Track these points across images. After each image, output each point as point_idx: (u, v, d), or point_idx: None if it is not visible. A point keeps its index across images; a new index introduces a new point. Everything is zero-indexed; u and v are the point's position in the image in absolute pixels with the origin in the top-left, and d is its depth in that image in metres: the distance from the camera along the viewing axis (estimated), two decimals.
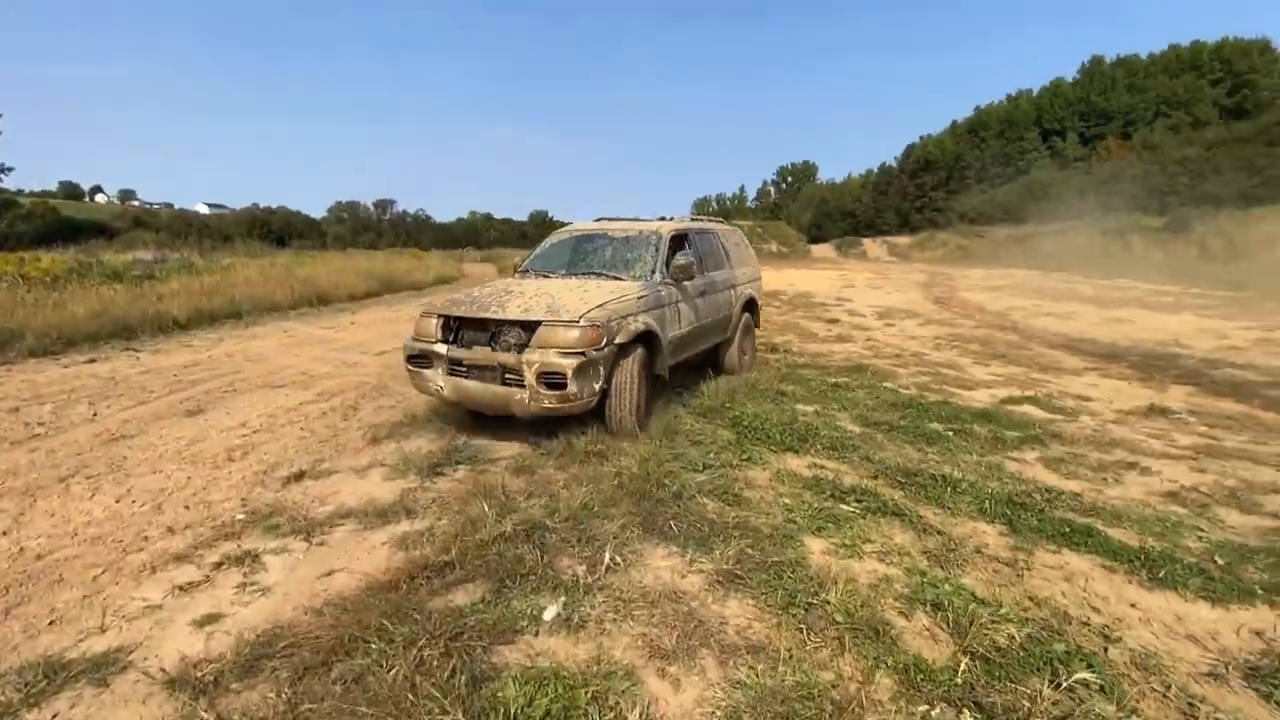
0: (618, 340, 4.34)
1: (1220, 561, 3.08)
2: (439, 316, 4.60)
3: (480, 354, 4.35)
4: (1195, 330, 10.08)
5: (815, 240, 54.32)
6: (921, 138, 64.04)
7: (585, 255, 5.69)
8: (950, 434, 4.79)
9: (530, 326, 4.28)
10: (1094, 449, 4.64)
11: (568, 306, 4.36)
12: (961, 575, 2.86)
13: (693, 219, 6.55)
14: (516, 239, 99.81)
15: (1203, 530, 3.43)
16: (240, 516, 3.48)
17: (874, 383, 6.41)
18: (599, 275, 5.25)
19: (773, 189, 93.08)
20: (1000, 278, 21.85)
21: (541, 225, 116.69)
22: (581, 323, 4.18)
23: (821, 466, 4.08)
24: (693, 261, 5.35)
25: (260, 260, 20.10)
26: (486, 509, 3.28)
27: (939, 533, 3.24)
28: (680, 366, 5.71)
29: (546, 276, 5.41)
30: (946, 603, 2.59)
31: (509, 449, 4.41)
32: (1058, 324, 11.20)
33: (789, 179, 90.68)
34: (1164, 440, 4.90)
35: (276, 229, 69.37)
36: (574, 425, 4.48)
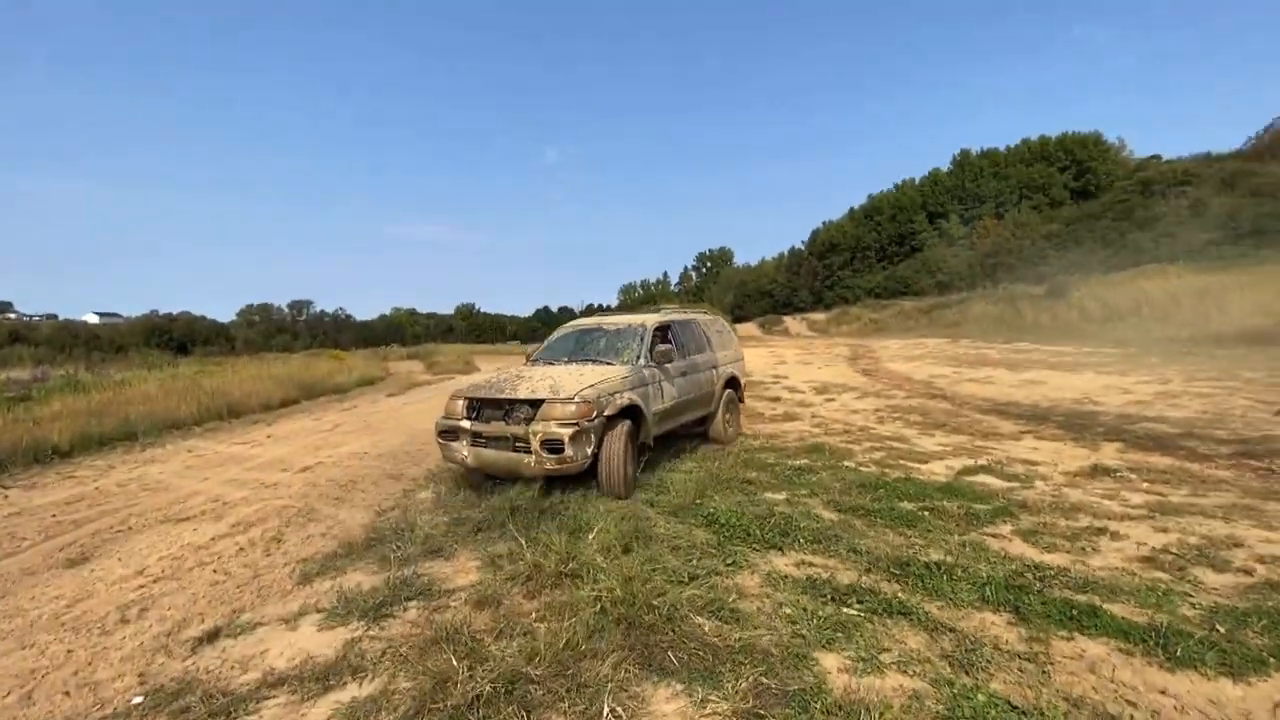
0: (606, 413, 5.30)
1: (1222, 629, 3.03)
2: (465, 399, 5.70)
3: (496, 427, 5.34)
4: (1101, 387, 10.84)
5: (738, 319, 56.81)
6: (824, 223, 69.58)
7: (584, 345, 6.83)
8: (924, 514, 4.71)
9: (536, 404, 5.28)
10: (1060, 516, 4.66)
11: (565, 387, 5.39)
12: (990, 680, 2.64)
13: (677, 311, 7.84)
14: (442, 333, 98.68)
15: (1191, 595, 3.40)
16: (138, 699, 2.82)
17: (834, 463, 6.35)
18: (594, 361, 6.33)
19: (694, 273, 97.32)
20: (915, 347, 23.15)
21: (469, 318, 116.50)
22: (576, 400, 5.17)
23: (810, 564, 3.85)
24: (671, 348, 6.49)
25: (160, 372, 18.52)
26: (454, 661, 2.80)
27: (950, 630, 3.04)
28: (670, 435, 6.87)
29: (551, 364, 6.51)
30: (986, 719, 2.35)
31: (466, 575, 3.92)
32: (980, 389, 11.79)
33: (708, 264, 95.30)
34: (1118, 500, 4.98)
35: (178, 336, 65.58)
36: (541, 531, 4.07)
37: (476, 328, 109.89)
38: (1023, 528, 4.42)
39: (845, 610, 3.21)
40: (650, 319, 6.90)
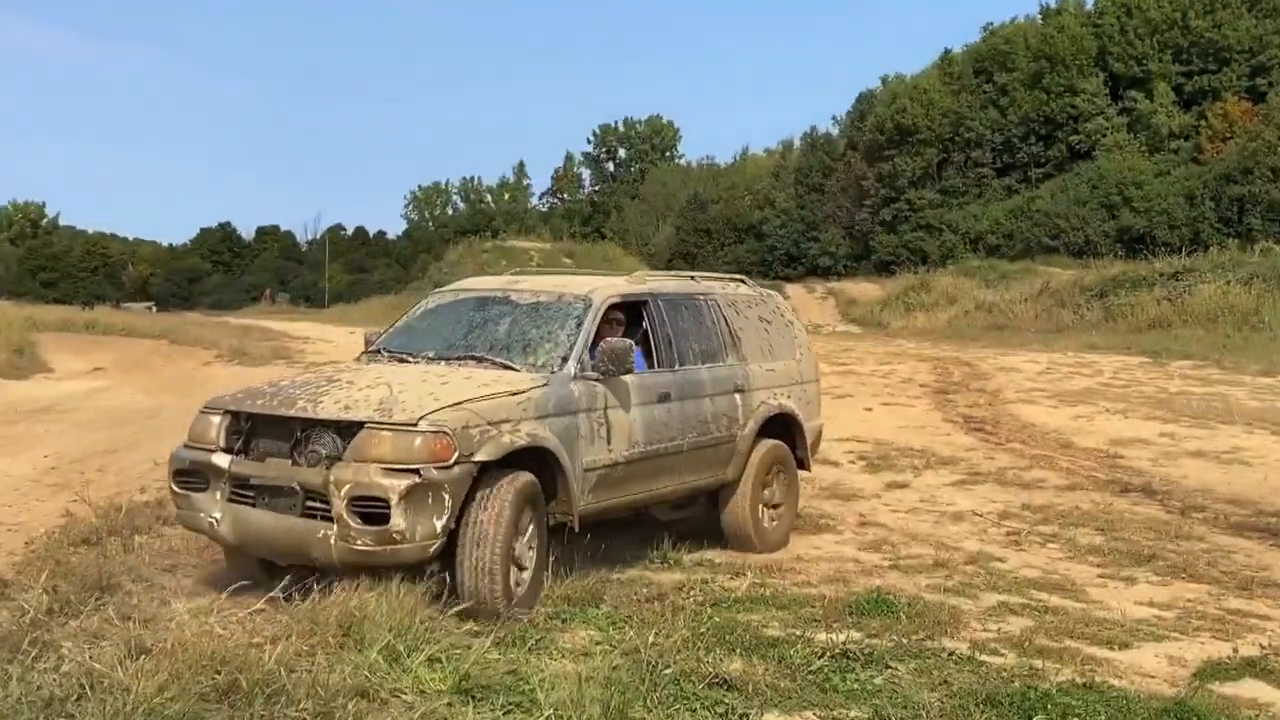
0: (478, 457, 6.28)
1: None
2: (224, 413, 6.89)
3: (275, 469, 6.48)
4: None
5: None
6: (884, 79, 71.85)
7: (471, 330, 8.26)
8: None
9: (350, 430, 6.31)
10: None
11: (405, 402, 6.43)
12: None
13: (668, 277, 9.80)
14: None
15: None
16: None
17: (920, 642, 6.35)
18: (481, 361, 7.56)
19: (585, 171, 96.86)
20: (1075, 369, 24.39)
21: (31, 238, 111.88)
22: (421, 426, 6.14)
23: None
24: (629, 346, 7.57)
25: None
26: None
27: None
28: (635, 518, 8.75)
29: (404, 360, 7.88)
30: None
31: None
32: (1221, 473, 12.50)
33: (618, 150, 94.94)
34: None
35: None
36: None
37: (49, 264, 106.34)
38: None
39: None
40: (603, 288, 8.25)
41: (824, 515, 10.01)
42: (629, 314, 8.28)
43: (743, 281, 10.27)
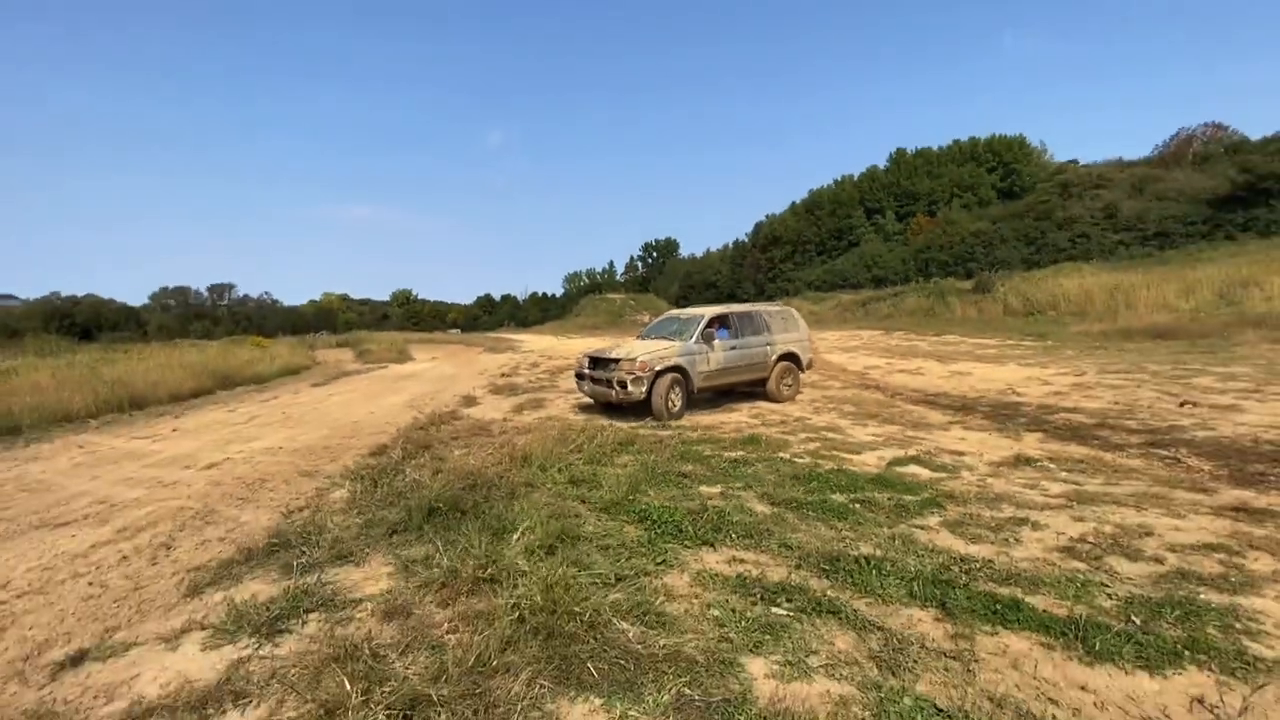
0: (656, 369, 9.18)
1: (1137, 620, 3.29)
2: (585, 356, 10.10)
3: (599, 373, 9.60)
4: (1023, 378, 12.05)
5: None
6: (768, 216, 74.12)
7: (665, 327, 10.63)
8: (856, 506, 4.98)
9: (618, 360, 9.30)
10: (984, 507, 5.00)
11: (633, 352, 9.41)
12: (916, 682, 2.86)
13: (740, 305, 11.12)
14: (378, 320, 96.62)
15: (1107, 586, 3.67)
16: None
17: (769, 455, 6.70)
18: (666, 338, 10.06)
19: (640, 263, 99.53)
20: (851, 339, 24.93)
21: (406, 304, 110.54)
22: (638, 359, 9.15)
23: (741, 560, 4.09)
24: (713, 330, 9.97)
25: (56, 359, 18.25)
26: (348, 685, 2.75)
27: (878, 628, 3.26)
28: (730, 390, 10.78)
29: (644, 339, 10.52)
30: None
31: (375, 583, 3.95)
32: (911, 380, 12.81)
33: (654, 254, 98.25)
34: (1038, 490, 5.42)
35: (82, 321, 61.24)
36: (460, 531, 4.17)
37: (414, 315, 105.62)
38: (950, 519, 4.74)
39: (774, 610, 3.43)
40: (709, 311, 10.42)
41: (734, 406, 10.49)
42: (723, 319, 10.32)
43: (781, 304, 13.13)
